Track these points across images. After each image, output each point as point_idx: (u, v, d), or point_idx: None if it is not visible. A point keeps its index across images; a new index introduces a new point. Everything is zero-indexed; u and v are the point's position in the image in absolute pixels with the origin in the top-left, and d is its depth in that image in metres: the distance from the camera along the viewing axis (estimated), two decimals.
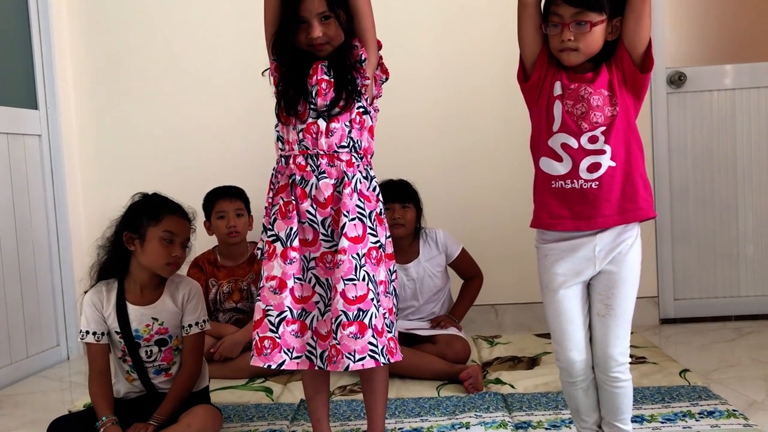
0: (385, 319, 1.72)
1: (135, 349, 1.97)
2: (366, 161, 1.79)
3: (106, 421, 1.86)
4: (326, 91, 1.74)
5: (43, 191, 3.05)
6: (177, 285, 2.03)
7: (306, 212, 1.73)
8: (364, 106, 1.78)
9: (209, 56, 3.24)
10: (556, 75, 1.67)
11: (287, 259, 1.72)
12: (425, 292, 2.76)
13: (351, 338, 1.66)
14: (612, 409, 1.69)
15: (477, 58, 3.19)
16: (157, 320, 1.98)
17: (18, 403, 2.56)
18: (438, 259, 2.78)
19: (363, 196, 1.74)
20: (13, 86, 2.95)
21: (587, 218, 1.63)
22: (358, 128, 1.76)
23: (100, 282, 2.00)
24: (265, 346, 1.71)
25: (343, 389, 2.46)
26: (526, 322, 3.24)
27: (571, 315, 1.67)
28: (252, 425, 2.15)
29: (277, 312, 1.72)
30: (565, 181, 1.63)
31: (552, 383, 2.42)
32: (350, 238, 1.69)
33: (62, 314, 3.10)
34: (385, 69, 1.85)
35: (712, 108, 3.20)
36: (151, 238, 1.93)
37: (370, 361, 1.67)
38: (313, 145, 1.74)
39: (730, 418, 2.02)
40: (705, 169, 3.21)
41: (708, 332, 3.07)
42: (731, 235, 3.22)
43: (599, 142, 1.61)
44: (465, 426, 2.07)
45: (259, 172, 3.08)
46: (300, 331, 1.74)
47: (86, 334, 1.95)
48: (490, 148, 3.22)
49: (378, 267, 1.73)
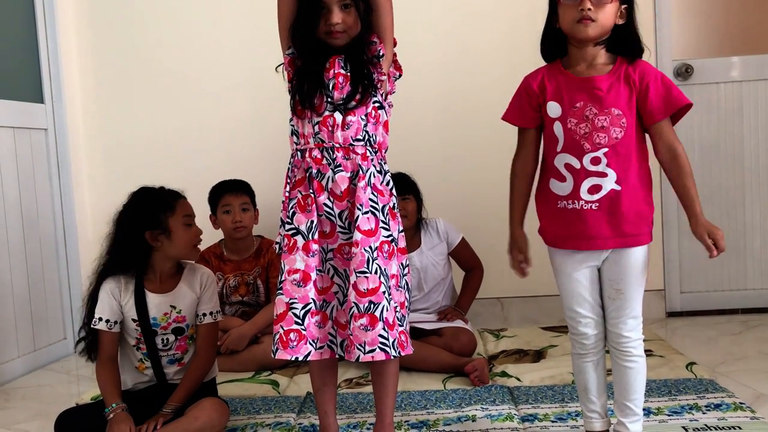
0: (396, 313, 1.73)
1: (151, 337, 1.99)
2: (380, 155, 1.80)
3: (116, 407, 1.87)
4: (343, 85, 1.75)
5: (50, 185, 3.06)
6: (194, 272, 2.06)
7: (323, 205, 1.74)
8: (379, 101, 1.78)
9: (216, 49, 3.24)
10: (550, 94, 1.66)
11: (309, 251, 1.73)
12: (429, 281, 2.76)
13: (362, 330, 1.67)
14: (624, 386, 1.70)
15: (481, 49, 3.18)
16: (175, 308, 2.00)
17: (26, 395, 2.57)
18: (440, 247, 2.79)
19: (376, 190, 1.75)
20: (19, 80, 2.95)
21: (587, 239, 1.65)
22: (373, 122, 1.77)
23: (117, 273, 2.00)
24: (291, 339, 1.71)
25: (349, 382, 2.47)
26: (532, 315, 3.24)
27: (583, 294, 1.70)
28: (259, 418, 2.16)
29: (302, 304, 1.72)
30: (568, 201, 1.65)
31: (558, 376, 2.42)
32: (363, 231, 1.70)
33: (69, 307, 3.11)
34: (398, 66, 1.85)
35: (719, 100, 3.18)
36: (175, 228, 1.96)
37: (380, 354, 1.68)
38: (328, 138, 1.74)
39: (737, 410, 2.02)
40: (712, 161, 3.19)
41: (715, 325, 3.07)
42: (738, 228, 3.21)
43: (601, 164, 1.61)
44: (471, 419, 2.07)
45: (265, 165, 3.10)
46: (322, 322, 1.76)
47: (99, 321, 1.96)
48: (493, 140, 3.19)
49: (390, 261, 1.74)
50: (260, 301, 2.81)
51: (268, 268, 2.80)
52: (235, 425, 2.10)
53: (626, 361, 1.69)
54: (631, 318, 1.67)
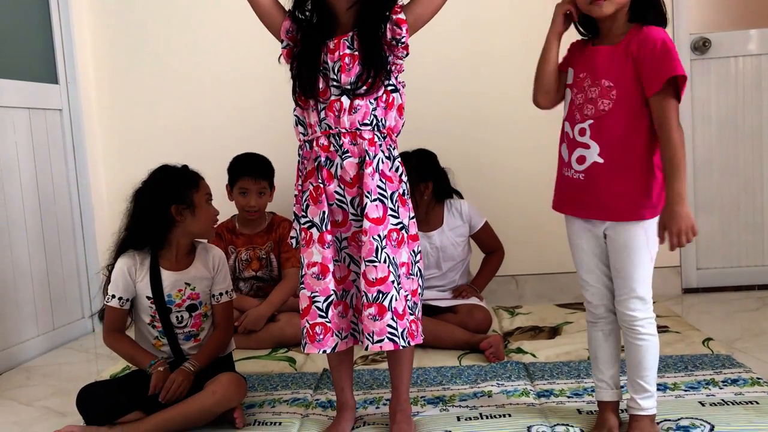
0: (407, 302, 1.72)
1: (166, 315, 2.01)
2: (389, 141, 1.74)
3: (157, 363, 1.95)
4: (350, 66, 1.67)
5: (65, 165, 3.07)
6: (206, 252, 2.10)
7: (334, 193, 1.72)
8: (393, 84, 1.72)
9: (232, 28, 3.21)
10: (570, 61, 1.70)
11: (325, 243, 1.71)
12: (447, 260, 2.76)
13: (370, 319, 1.67)
14: (634, 363, 1.70)
15: (494, 20, 3.16)
16: (189, 285, 2.03)
17: (47, 373, 2.61)
18: (461, 229, 2.78)
19: (385, 176, 1.70)
20: (33, 61, 2.96)
21: (577, 206, 1.69)
22: (384, 107, 1.71)
23: (131, 250, 2.03)
24: (317, 333, 1.72)
25: (365, 359, 2.48)
26: (547, 292, 3.23)
27: (588, 263, 1.72)
28: (276, 394, 2.18)
29: (324, 297, 1.72)
30: (566, 168, 1.69)
31: (574, 352, 2.42)
32: (371, 219, 1.68)
33: (87, 287, 3.14)
34: (406, 45, 1.74)
35: (737, 74, 3.14)
36: (199, 203, 2.01)
37: (389, 344, 1.68)
38: (335, 124, 1.69)
39: (754, 385, 2.01)
40: (729, 136, 3.16)
41: (731, 301, 3.05)
42: (755, 203, 3.18)
43: (586, 135, 1.62)
44: (487, 394, 2.08)
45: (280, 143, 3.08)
46: (344, 311, 1.77)
47: (111, 298, 2.00)
48: (509, 119, 3.19)
49: (399, 249, 1.71)
50: (273, 275, 2.83)
51: (279, 243, 2.82)
52: (253, 401, 2.12)
53: (635, 338, 1.68)
54: (634, 298, 1.65)
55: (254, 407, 2.09)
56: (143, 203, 1.99)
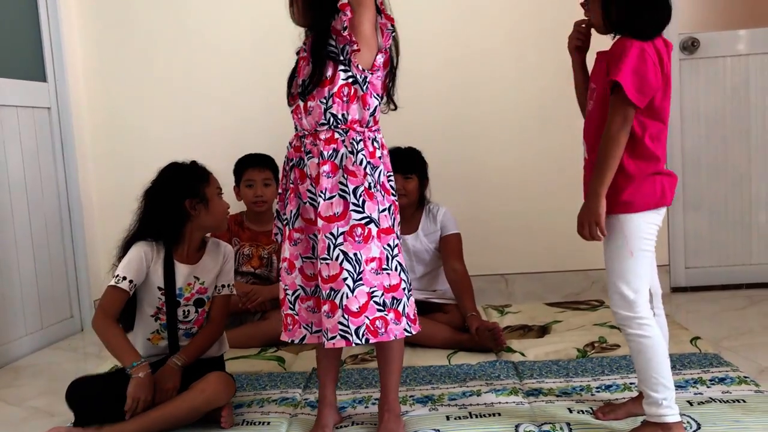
0: (372, 298, 1.70)
1: (174, 308, 2.00)
2: (353, 134, 1.70)
3: (140, 366, 1.88)
4: (304, 68, 1.75)
5: (54, 163, 3.06)
6: (217, 246, 2.11)
7: (306, 191, 1.75)
8: (353, 75, 1.70)
9: (220, 24, 3.21)
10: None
11: (292, 240, 1.78)
12: (420, 264, 2.73)
13: (325, 316, 1.71)
14: (634, 363, 1.71)
15: (487, 16, 3.15)
16: (198, 279, 2.03)
17: (35, 373, 2.60)
18: (435, 235, 2.72)
19: (348, 171, 1.70)
20: (21, 59, 2.94)
21: None
22: (344, 101, 1.70)
23: (149, 239, 2.01)
24: (288, 323, 1.82)
25: (354, 358, 2.48)
26: (537, 291, 3.24)
27: None
28: (265, 393, 2.18)
29: (292, 291, 1.81)
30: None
31: (563, 351, 2.43)
32: (324, 217, 1.70)
33: (75, 286, 3.13)
34: (388, 16, 1.74)
35: (726, 74, 3.15)
36: (212, 197, 2.03)
37: (341, 341, 1.70)
38: (300, 126, 1.77)
39: (741, 384, 2.03)
40: (717, 135, 3.17)
41: (719, 300, 3.07)
42: (743, 202, 3.20)
43: (582, 134, 1.76)
44: (476, 393, 2.08)
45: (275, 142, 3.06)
46: (316, 307, 1.78)
47: (122, 279, 1.93)
48: (500, 117, 3.19)
49: (367, 244, 1.70)
50: (271, 276, 2.84)
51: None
52: (242, 401, 2.12)
53: (626, 338, 1.69)
54: (614, 293, 1.66)
55: (243, 407, 2.08)
56: (157, 200, 2.00)
